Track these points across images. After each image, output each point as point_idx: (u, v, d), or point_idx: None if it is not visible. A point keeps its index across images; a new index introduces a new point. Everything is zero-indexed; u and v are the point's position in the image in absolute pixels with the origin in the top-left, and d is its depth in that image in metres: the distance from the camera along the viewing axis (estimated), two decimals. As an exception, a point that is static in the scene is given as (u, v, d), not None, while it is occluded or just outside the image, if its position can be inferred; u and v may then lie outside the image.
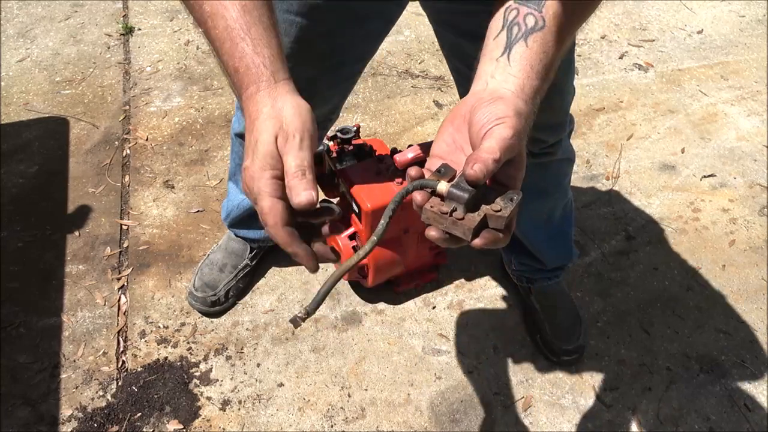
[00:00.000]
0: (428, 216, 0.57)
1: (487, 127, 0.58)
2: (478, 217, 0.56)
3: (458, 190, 0.56)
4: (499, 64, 0.63)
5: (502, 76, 0.62)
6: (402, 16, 1.11)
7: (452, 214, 0.55)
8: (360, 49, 1.12)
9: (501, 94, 0.61)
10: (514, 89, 0.61)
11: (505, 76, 0.62)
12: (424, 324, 1.59)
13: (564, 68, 1.08)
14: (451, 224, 0.56)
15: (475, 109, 0.60)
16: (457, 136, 0.62)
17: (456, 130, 0.62)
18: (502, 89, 0.61)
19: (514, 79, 0.62)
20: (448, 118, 0.63)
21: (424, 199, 0.58)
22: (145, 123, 2.11)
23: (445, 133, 0.63)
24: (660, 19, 2.70)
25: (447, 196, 0.56)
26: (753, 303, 1.66)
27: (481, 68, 0.64)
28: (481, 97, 0.61)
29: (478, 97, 0.62)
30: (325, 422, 1.40)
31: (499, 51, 0.63)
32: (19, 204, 1.83)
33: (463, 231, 0.55)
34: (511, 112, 0.59)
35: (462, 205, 0.55)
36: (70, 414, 1.40)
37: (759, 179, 1.99)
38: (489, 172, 0.55)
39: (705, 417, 1.43)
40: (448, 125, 0.63)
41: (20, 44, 2.44)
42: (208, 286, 1.57)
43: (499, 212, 0.56)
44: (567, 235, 1.49)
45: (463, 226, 0.55)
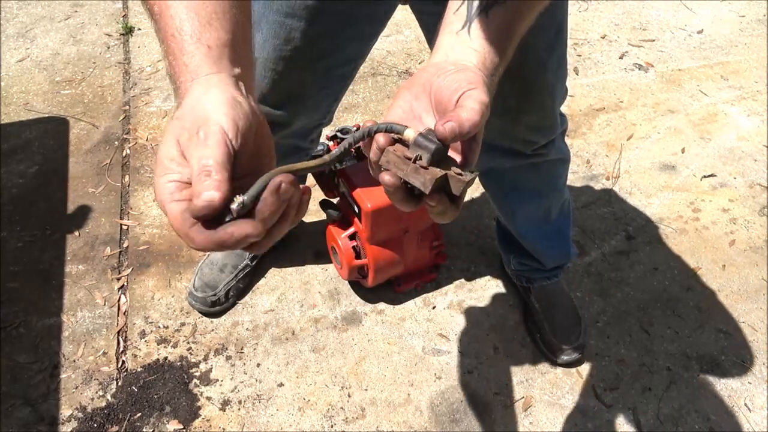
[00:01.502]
0: (389, 159, 0.53)
1: (461, 91, 0.56)
2: (441, 172, 0.52)
3: (426, 140, 0.53)
4: (459, 38, 0.61)
5: (462, 50, 0.61)
6: (402, 16, 1.11)
7: (416, 161, 0.52)
8: (350, 51, 1.12)
9: (465, 65, 0.59)
10: (476, 62, 0.60)
11: (466, 49, 0.61)
12: (424, 324, 1.59)
13: (553, 69, 1.08)
14: (413, 171, 0.52)
15: (439, 76, 0.58)
16: (415, 103, 0.60)
17: (414, 97, 0.60)
18: (464, 61, 0.60)
19: (475, 53, 0.60)
20: (404, 85, 0.61)
21: (388, 141, 0.55)
22: (145, 123, 2.11)
23: (401, 99, 0.60)
24: (660, 19, 2.70)
25: (413, 143, 0.53)
26: (753, 303, 1.66)
27: (441, 41, 0.63)
28: (443, 66, 0.59)
29: (439, 66, 0.60)
30: (325, 422, 1.40)
31: (459, 24, 0.62)
32: (19, 204, 1.83)
33: (424, 181, 0.51)
34: (480, 81, 0.57)
35: (428, 155, 0.52)
36: (70, 414, 1.40)
37: (759, 179, 1.99)
38: (461, 133, 0.53)
39: (705, 417, 1.43)
40: (405, 92, 0.60)
41: (20, 44, 2.44)
42: (208, 286, 1.57)
43: (461, 176, 0.53)
44: (565, 235, 1.49)
45: (425, 176, 0.51)
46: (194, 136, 0.50)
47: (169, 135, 0.51)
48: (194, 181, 0.48)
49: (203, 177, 0.48)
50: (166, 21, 0.55)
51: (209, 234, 0.48)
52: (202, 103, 0.52)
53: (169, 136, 0.51)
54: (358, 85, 2.29)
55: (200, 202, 0.47)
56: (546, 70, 1.06)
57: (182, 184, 0.50)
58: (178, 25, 0.54)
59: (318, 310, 1.61)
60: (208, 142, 0.49)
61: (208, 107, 0.51)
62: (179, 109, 0.53)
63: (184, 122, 0.51)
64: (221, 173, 0.48)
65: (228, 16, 0.56)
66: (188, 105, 0.52)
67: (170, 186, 0.50)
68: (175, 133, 0.51)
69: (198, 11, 0.55)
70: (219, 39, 0.55)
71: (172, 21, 0.55)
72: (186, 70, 0.54)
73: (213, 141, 0.49)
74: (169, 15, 0.55)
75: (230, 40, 0.55)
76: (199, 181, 0.48)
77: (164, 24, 0.55)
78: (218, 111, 0.51)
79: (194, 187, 0.48)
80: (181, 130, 0.51)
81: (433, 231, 1.54)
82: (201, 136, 0.50)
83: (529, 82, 1.06)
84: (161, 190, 0.50)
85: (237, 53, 0.56)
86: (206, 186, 0.47)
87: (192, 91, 0.53)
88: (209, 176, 0.48)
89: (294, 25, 1.00)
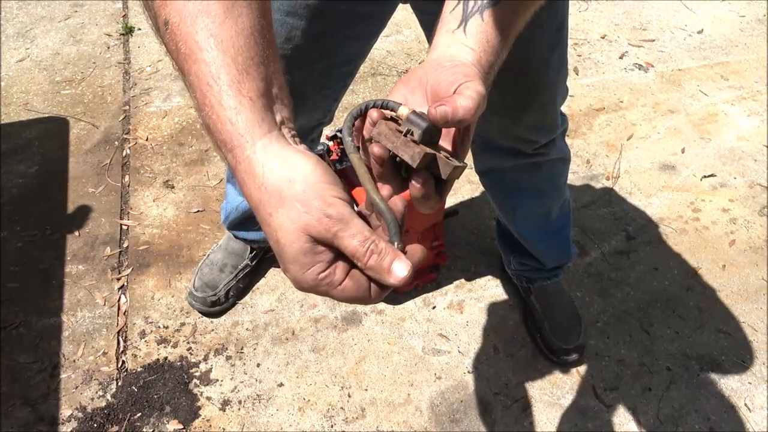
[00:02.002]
0: (381, 131, 0.54)
1: (457, 82, 0.56)
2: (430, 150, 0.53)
3: (419, 118, 0.54)
4: (455, 37, 0.62)
5: (458, 48, 0.61)
6: (402, 16, 1.11)
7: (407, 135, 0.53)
8: (351, 51, 1.12)
9: (461, 61, 0.60)
10: (472, 60, 0.61)
11: (461, 48, 0.61)
12: (424, 324, 1.59)
13: (554, 68, 1.08)
14: (402, 144, 0.52)
15: (437, 71, 0.59)
16: (411, 97, 0.60)
17: (410, 91, 0.60)
18: (461, 58, 0.61)
19: (471, 51, 0.61)
20: (401, 80, 0.62)
21: (381, 115, 0.56)
22: (145, 123, 2.11)
23: (397, 93, 0.61)
24: (660, 19, 2.70)
25: (406, 119, 0.54)
26: (753, 303, 1.66)
27: (437, 39, 0.64)
28: (440, 62, 0.60)
29: (436, 62, 0.60)
30: (325, 422, 1.40)
31: (455, 23, 0.62)
32: (19, 204, 1.83)
33: (412, 155, 0.52)
34: (476, 75, 0.58)
35: (420, 132, 0.53)
36: (70, 414, 1.40)
37: (759, 179, 1.99)
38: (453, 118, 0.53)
39: (705, 417, 1.43)
40: (401, 86, 0.61)
41: (20, 44, 2.44)
42: (208, 286, 1.57)
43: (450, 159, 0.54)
44: (565, 235, 1.49)
45: (414, 149, 0.52)
46: (325, 220, 0.48)
47: (287, 228, 0.48)
48: (366, 260, 0.48)
49: (376, 257, 0.49)
50: (198, 66, 0.49)
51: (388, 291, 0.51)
52: (296, 181, 0.48)
53: (289, 230, 0.48)
54: (358, 85, 2.29)
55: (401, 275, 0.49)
56: (547, 68, 1.07)
57: (329, 270, 0.49)
58: (215, 74, 0.49)
59: (318, 310, 1.61)
60: (347, 220, 0.48)
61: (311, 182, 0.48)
62: (264, 189, 0.49)
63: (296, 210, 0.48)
64: (381, 241, 0.49)
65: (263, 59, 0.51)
66: (276, 185, 0.48)
67: (322, 277, 0.49)
68: (297, 224, 0.48)
69: (234, 58, 0.49)
70: (258, 89, 0.50)
71: (207, 67, 0.49)
72: (234, 132, 0.49)
73: (349, 216, 0.48)
74: (201, 59, 0.49)
75: (267, 87, 0.51)
76: (375, 257, 0.48)
77: (195, 69, 0.49)
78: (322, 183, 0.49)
79: (372, 266, 0.49)
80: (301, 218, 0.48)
81: (433, 231, 1.54)
82: (335, 216, 0.48)
83: (530, 81, 1.07)
84: (314, 285, 0.49)
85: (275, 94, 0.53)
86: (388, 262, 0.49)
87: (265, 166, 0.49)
88: (380, 252, 0.49)
89: (295, 24, 1.00)
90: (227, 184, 1.57)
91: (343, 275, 0.50)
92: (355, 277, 0.50)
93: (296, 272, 0.49)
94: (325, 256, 0.49)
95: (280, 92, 0.53)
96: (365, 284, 0.50)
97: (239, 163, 0.49)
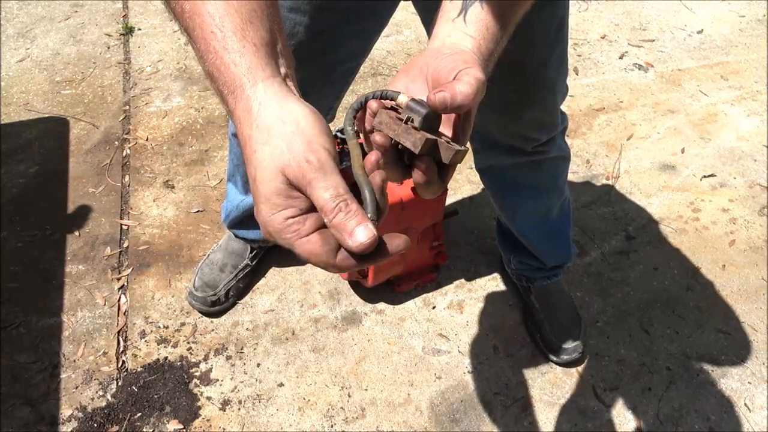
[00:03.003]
0: (381, 120, 0.54)
1: (457, 69, 0.57)
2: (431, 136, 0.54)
3: (418, 105, 0.55)
4: (455, 25, 0.63)
5: (458, 36, 0.62)
6: (402, 16, 1.11)
7: (407, 122, 0.54)
8: (353, 48, 1.12)
9: (461, 49, 0.61)
10: (471, 47, 0.61)
11: (462, 36, 0.62)
12: (424, 324, 1.59)
13: (555, 66, 1.09)
14: (404, 132, 0.53)
15: (436, 59, 0.60)
16: (412, 86, 0.61)
17: (411, 80, 0.61)
18: (461, 46, 0.62)
19: (471, 39, 0.62)
20: (403, 69, 0.62)
21: (381, 105, 0.56)
22: (145, 123, 2.11)
23: (398, 82, 0.62)
24: (660, 19, 2.70)
25: (405, 106, 0.55)
26: (753, 303, 1.66)
27: (438, 28, 0.65)
28: (440, 50, 0.61)
29: (436, 51, 0.61)
30: (325, 422, 1.40)
31: (455, 12, 0.63)
32: (19, 204, 1.83)
33: (414, 141, 0.53)
34: (476, 61, 0.59)
35: (420, 119, 0.54)
36: (70, 414, 1.40)
37: (759, 179, 1.99)
38: (452, 103, 0.54)
39: (705, 417, 1.43)
40: (402, 76, 0.62)
41: (20, 44, 2.44)
42: (208, 285, 1.57)
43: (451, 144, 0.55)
44: (565, 234, 1.49)
45: (415, 135, 0.53)
46: (306, 165, 0.47)
47: (266, 166, 0.48)
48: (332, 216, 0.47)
49: (343, 208, 0.47)
50: (202, 18, 0.51)
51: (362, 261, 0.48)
52: (293, 116, 0.49)
53: (267, 168, 0.48)
54: (358, 85, 2.29)
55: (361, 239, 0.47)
56: (547, 66, 1.07)
57: (299, 217, 0.48)
58: (219, 23, 0.50)
59: (318, 310, 1.61)
60: (327, 167, 0.48)
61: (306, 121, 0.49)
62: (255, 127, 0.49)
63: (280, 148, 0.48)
64: (354, 202, 0.48)
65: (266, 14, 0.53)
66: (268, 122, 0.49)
67: (290, 223, 0.48)
68: (276, 163, 0.48)
69: (238, 8, 0.51)
70: (262, 38, 0.52)
71: (211, 18, 0.51)
72: (237, 72, 0.50)
73: (330, 168, 0.48)
74: (205, 12, 0.51)
75: (271, 39, 0.53)
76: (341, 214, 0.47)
77: (200, 21, 0.51)
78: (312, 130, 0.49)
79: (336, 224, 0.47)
80: (281, 157, 0.48)
81: (433, 231, 1.54)
82: (315, 162, 0.47)
83: (530, 78, 1.07)
84: (279, 229, 0.48)
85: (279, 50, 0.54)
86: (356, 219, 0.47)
87: (262, 104, 0.49)
88: (348, 206, 0.47)
89: (297, 20, 1.01)
90: (227, 183, 1.58)
91: (312, 228, 0.49)
92: (324, 234, 0.49)
93: (266, 213, 0.49)
94: (298, 202, 0.49)
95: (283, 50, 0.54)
96: (332, 245, 0.49)
97: (238, 102, 0.50)
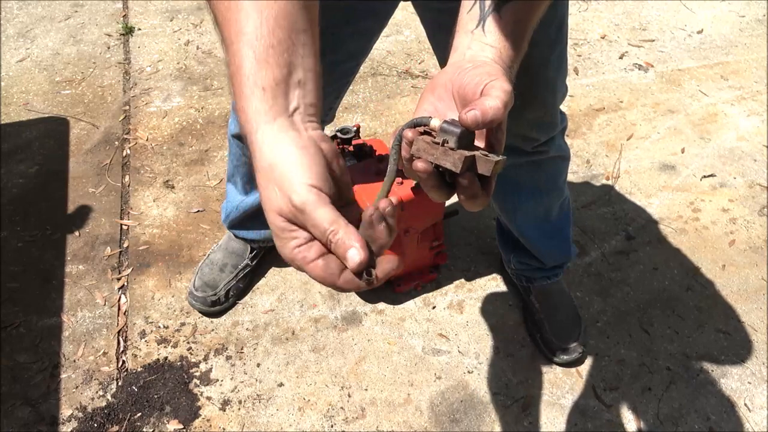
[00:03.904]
0: (419, 146, 0.56)
1: (483, 83, 0.58)
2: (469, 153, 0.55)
3: (451, 126, 0.56)
4: (474, 36, 0.63)
5: (478, 47, 0.63)
6: (402, 16, 1.11)
7: (444, 144, 0.55)
8: (353, 48, 1.12)
9: (483, 61, 0.62)
10: (493, 57, 0.62)
11: (482, 46, 0.63)
12: (424, 324, 1.59)
13: (555, 66, 1.09)
14: (442, 154, 0.55)
15: (460, 75, 0.60)
16: (439, 104, 0.62)
17: (437, 99, 0.62)
18: (482, 57, 0.62)
19: (491, 49, 0.62)
20: (428, 88, 0.63)
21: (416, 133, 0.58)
22: (145, 123, 2.11)
23: (425, 102, 0.62)
24: (660, 19, 2.70)
25: (440, 129, 0.57)
26: (753, 303, 1.66)
27: (457, 41, 0.65)
28: (462, 65, 0.61)
29: (458, 66, 0.62)
30: (325, 422, 1.40)
31: (474, 23, 0.64)
32: (19, 204, 1.83)
33: (453, 161, 0.54)
34: (500, 72, 0.59)
35: (455, 139, 0.55)
36: (70, 414, 1.40)
37: (759, 179, 1.99)
38: (484, 120, 0.55)
39: (705, 417, 1.43)
40: (428, 95, 0.63)
41: (20, 44, 2.44)
42: (208, 285, 1.57)
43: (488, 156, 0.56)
44: (565, 234, 1.49)
45: (453, 156, 0.54)
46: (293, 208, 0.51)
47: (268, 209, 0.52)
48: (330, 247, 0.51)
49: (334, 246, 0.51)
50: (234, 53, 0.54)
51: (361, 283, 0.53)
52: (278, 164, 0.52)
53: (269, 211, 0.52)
54: (358, 85, 2.29)
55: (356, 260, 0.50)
56: (548, 66, 1.07)
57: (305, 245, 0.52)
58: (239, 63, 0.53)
59: (318, 310, 1.61)
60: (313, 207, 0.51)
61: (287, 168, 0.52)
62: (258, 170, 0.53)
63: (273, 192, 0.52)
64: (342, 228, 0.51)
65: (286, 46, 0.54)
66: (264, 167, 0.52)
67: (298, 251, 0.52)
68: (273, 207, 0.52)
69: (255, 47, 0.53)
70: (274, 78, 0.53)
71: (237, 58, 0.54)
72: (246, 118, 0.54)
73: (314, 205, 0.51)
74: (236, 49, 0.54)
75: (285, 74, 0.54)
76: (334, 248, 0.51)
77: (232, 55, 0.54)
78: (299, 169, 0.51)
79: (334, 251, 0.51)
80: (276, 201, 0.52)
81: (433, 231, 1.54)
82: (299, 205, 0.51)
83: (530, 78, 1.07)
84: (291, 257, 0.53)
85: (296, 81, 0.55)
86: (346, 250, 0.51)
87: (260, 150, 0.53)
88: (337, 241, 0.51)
89: None
90: (227, 183, 1.58)
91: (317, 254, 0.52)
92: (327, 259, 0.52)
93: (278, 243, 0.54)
94: (302, 233, 0.52)
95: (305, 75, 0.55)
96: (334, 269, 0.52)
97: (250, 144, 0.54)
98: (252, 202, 1.50)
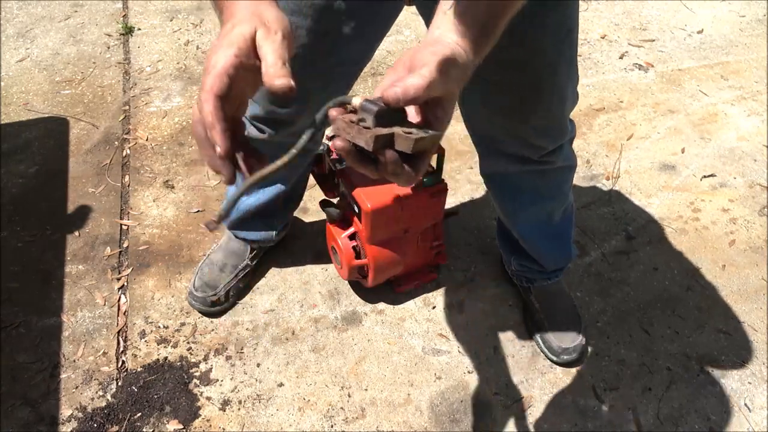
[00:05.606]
0: (338, 125, 0.57)
1: (423, 62, 0.60)
2: (386, 131, 0.56)
3: (370, 104, 0.57)
4: (445, 17, 0.65)
5: (445, 26, 0.65)
6: (402, 16, 1.11)
7: (359, 123, 0.56)
8: (355, 51, 1.12)
9: (441, 40, 0.64)
10: (455, 37, 0.64)
11: (448, 26, 0.64)
12: (424, 324, 1.59)
13: (564, 72, 1.07)
14: (357, 132, 0.56)
15: (418, 52, 0.62)
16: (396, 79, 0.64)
17: (395, 74, 0.64)
18: (444, 37, 0.64)
19: (457, 31, 0.64)
20: (392, 66, 0.65)
21: (340, 112, 0.59)
22: (145, 123, 2.11)
23: (386, 79, 0.64)
24: (660, 19, 2.70)
25: (359, 108, 0.57)
26: (753, 303, 1.66)
27: (432, 21, 0.67)
28: (425, 43, 0.64)
29: (422, 43, 0.64)
30: (325, 422, 1.40)
31: (448, 5, 0.65)
32: (19, 204, 1.83)
33: (366, 140, 0.55)
34: (448, 52, 0.61)
35: (372, 117, 0.56)
36: (70, 414, 1.40)
37: (759, 179, 1.99)
38: (405, 97, 0.56)
39: (705, 417, 1.43)
40: (390, 72, 0.64)
41: (20, 44, 2.44)
42: (208, 285, 1.57)
43: (409, 134, 0.56)
44: (566, 238, 1.49)
45: (366, 135, 0.55)
46: (272, 34, 0.59)
47: (245, 25, 0.59)
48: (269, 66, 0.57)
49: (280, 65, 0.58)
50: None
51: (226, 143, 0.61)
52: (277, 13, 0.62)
53: (245, 27, 0.59)
54: (358, 85, 2.29)
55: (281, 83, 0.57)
56: (556, 72, 1.05)
57: (238, 62, 0.58)
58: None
59: (318, 310, 1.61)
60: (284, 44, 0.59)
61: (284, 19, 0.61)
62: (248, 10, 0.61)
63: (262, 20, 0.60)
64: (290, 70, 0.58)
65: None
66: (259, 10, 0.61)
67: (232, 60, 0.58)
68: (253, 25, 0.59)
69: None
70: None
71: None
72: None
73: (287, 45, 0.60)
74: None
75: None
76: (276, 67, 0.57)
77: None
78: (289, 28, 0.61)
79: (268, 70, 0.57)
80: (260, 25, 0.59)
81: (433, 231, 1.54)
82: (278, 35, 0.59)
83: (537, 84, 1.06)
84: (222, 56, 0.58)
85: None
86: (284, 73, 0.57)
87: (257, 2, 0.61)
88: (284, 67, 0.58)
89: (300, 23, 1.01)
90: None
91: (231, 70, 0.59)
92: None
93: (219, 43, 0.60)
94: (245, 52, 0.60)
95: None
96: None
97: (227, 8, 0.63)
98: (252, 202, 1.50)
